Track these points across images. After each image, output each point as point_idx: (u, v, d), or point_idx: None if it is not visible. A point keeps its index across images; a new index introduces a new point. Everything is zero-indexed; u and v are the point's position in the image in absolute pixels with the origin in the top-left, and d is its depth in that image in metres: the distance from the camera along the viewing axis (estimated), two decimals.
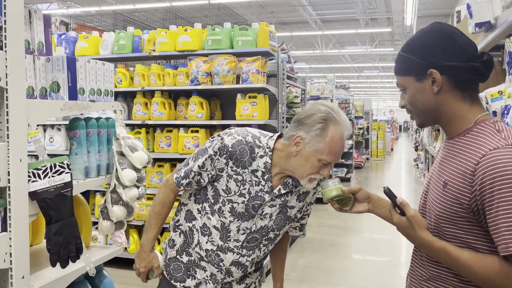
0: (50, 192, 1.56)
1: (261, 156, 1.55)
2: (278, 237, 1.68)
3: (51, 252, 1.57)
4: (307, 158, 1.47)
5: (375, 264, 5.04)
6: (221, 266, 1.62)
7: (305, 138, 1.47)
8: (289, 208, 1.62)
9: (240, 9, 12.25)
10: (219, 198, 1.59)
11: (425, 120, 1.28)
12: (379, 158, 17.54)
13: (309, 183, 1.52)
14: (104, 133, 1.96)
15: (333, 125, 1.45)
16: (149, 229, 1.71)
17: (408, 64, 1.23)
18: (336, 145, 1.46)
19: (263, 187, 1.56)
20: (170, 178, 1.69)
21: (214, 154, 1.56)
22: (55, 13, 11.18)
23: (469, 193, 1.09)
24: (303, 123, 1.48)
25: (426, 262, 1.24)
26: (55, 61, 1.71)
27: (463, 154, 1.15)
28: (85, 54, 4.63)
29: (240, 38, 4.29)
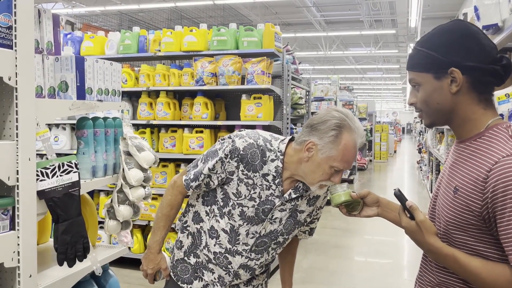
0: (58, 191, 1.56)
1: (272, 160, 1.53)
2: (287, 241, 1.67)
3: (58, 251, 1.58)
4: (318, 164, 1.45)
5: (378, 266, 5.03)
6: (229, 269, 1.62)
7: (318, 144, 1.44)
8: (299, 212, 1.60)
9: (245, 10, 12.26)
10: (228, 201, 1.56)
11: (436, 120, 1.23)
12: (382, 160, 17.51)
13: (320, 189, 1.51)
14: (111, 132, 1.97)
15: (347, 132, 1.43)
16: (157, 231, 1.69)
17: (427, 60, 1.17)
18: (349, 153, 1.44)
19: (273, 191, 1.54)
20: (178, 179, 1.66)
21: (225, 157, 1.53)
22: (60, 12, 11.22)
23: (481, 200, 1.07)
24: (317, 129, 1.45)
25: (434, 268, 1.23)
26: (64, 61, 1.72)
27: (475, 160, 1.12)
28: (91, 54, 4.65)
29: (245, 39, 4.29)
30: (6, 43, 1.41)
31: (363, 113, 13.17)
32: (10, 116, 1.44)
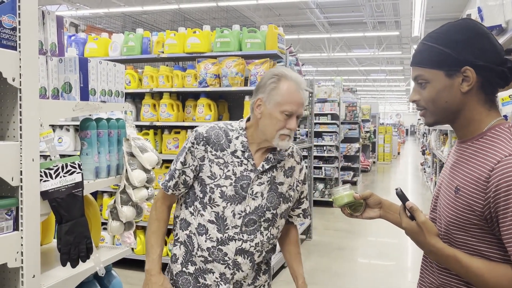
0: (61, 192, 1.57)
1: (236, 137, 1.61)
2: (277, 218, 1.64)
3: (61, 252, 1.58)
4: (270, 115, 1.53)
5: (381, 268, 5.02)
6: (227, 261, 1.59)
7: (263, 97, 1.55)
8: (278, 184, 1.63)
9: (248, 12, 12.28)
10: (206, 188, 1.59)
11: (441, 119, 1.21)
12: (386, 161, 17.47)
13: (282, 140, 1.55)
14: (115, 133, 1.97)
15: (285, 79, 1.53)
16: (151, 250, 1.66)
17: (440, 57, 1.14)
18: (293, 94, 1.52)
19: (246, 166, 1.59)
20: (158, 193, 1.71)
21: (191, 145, 1.61)
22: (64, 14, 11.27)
23: (483, 200, 1.06)
24: (259, 88, 1.58)
25: (436, 269, 1.22)
26: (68, 62, 1.73)
27: (476, 160, 1.12)
28: (95, 55, 4.67)
29: (248, 41, 4.30)
30: (10, 44, 1.41)
31: (367, 114, 13.15)
32: (14, 117, 1.45)
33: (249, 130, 1.62)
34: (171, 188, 1.64)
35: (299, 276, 1.75)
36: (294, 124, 1.54)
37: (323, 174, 8.63)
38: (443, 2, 11.14)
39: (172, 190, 1.65)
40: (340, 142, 9.02)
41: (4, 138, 1.47)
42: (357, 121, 10.76)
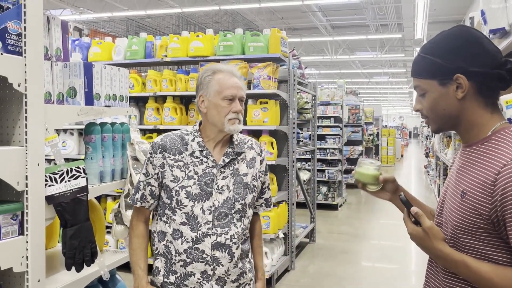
0: (66, 196, 1.57)
1: (192, 139, 1.68)
2: (246, 208, 1.69)
3: (66, 256, 1.58)
4: (214, 105, 1.63)
5: (385, 272, 5.00)
6: (205, 258, 1.60)
7: (204, 93, 1.66)
8: (243, 175, 1.70)
9: (251, 15, 12.31)
10: (172, 192, 1.63)
11: (443, 126, 1.24)
12: (389, 164, 17.43)
13: (231, 125, 1.63)
14: (119, 138, 1.98)
15: (218, 71, 1.66)
16: (135, 267, 1.69)
17: (432, 67, 1.18)
18: (229, 80, 1.64)
19: (207, 164, 1.65)
20: (132, 212, 1.77)
21: (150, 156, 1.68)
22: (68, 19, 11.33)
23: (489, 204, 1.06)
24: (198, 87, 1.70)
25: (441, 274, 1.21)
26: (72, 67, 1.74)
27: (482, 163, 1.12)
28: (98, 59, 4.69)
29: (251, 44, 4.31)
30: (16, 50, 1.42)
31: (370, 117, 13.13)
32: (19, 122, 1.46)
33: (203, 130, 1.71)
34: (138, 200, 1.69)
35: (259, 269, 1.83)
36: (239, 106, 1.64)
37: (326, 177, 8.62)
38: (445, 4, 11.13)
39: (140, 202, 1.69)
40: (343, 145, 9.01)
41: (9, 143, 1.48)
42: (360, 123, 10.74)
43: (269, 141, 4.28)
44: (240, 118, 1.66)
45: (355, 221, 7.46)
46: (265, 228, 4.24)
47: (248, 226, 1.73)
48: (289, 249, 4.71)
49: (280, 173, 4.65)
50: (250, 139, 1.81)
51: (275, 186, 4.44)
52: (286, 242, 4.71)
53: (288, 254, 4.70)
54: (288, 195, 4.63)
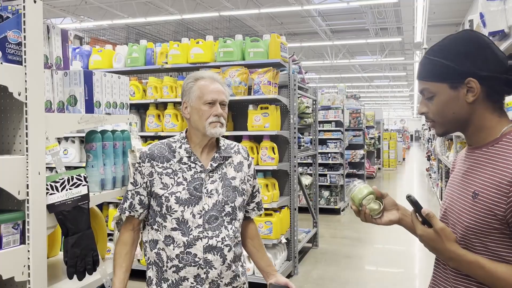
0: (67, 205, 1.57)
1: (179, 146, 1.72)
2: (236, 211, 1.70)
3: (68, 265, 1.58)
4: (196, 110, 1.68)
5: (389, 276, 4.97)
6: (197, 261, 1.61)
7: (187, 99, 1.71)
8: (231, 179, 1.72)
9: (250, 21, 12.36)
10: (161, 199, 1.65)
11: (451, 129, 1.23)
12: (391, 168, 17.39)
13: (213, 128, 1.67)
14: (120, 145, 1.98)
15: (200, 78, 1.72)
16: (115, 269, 1.70)
17: (443, 70, 1.17)
18: (209, 86, 1.68)
19: (195, 169, 1.68)
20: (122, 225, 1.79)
21: (138, 165, 1.71)
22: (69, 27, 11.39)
23: (505, 204, 1.06)
24: (182, 94, 1.75)
25: (451, 275, 1.21)
26: (73, 75, 1.74)
27: (495, 165, 1.12)
28: (99, 67, 4.70)
29: (251, 50, 4.32)
30: (15, 59, 1.43)
31: (371, 121, 13.13)
32: (20, 130, 1.46)
33: (189, 136, 1.75)
34: (126, 210, 1.72)
35: (270, 264, 1.86)
36: (219, 110, 1.68)
37: (328, 181, 8.61)
38: (444, 8, 11.15)
39: (128, 212, 1.72)
40: (344, 149, 9.00)
41: (10, 152, 1.48)
42: (361, 127, 10.74)
43: (270, 146, 4.28)
44: (222, 122, 1.69)
45: (358, 225, 7.43)
46: (268, 234, 4.23)
47: (239, 229, 1.75)
48: (292, 254, 4.69)
49: (281, 178, 4.65)
50: (236, 144, 1.85)
51: (277, 191, 4.43)
52: (289, 247, 4.69)
53: (291, 260, 4.68)
54: (290, 200, 4.62)
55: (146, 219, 1.75)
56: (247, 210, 1.85)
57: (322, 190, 8.55)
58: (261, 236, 4.23)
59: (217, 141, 1.77)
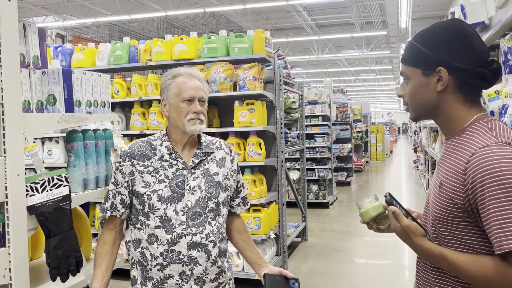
0: (48, 206, 1.54)
1: (160, 144, 1.71)
2: (220, 206, 1.70)
3: (51, 266, 1.55)
4: (175, 107, 1.67)
5: (379, 268, 5.02)
6: (182, 258, 1.60)
7: (165, 97, 1.70)
8: (213, 175, 1.71)
9: (236, 17, 12.30)
10: (143, 198, 1.63)
11: (421, 115, 1.26)
12: (379, 161, 17.53)
13: (192, 125, 1.65)
14: (102, 144, 1.95)
15: (178, 75, 1.70)
16: (94, 270, 1.67)
17: (418, 56, 1.20)
18: (187, 83, 1.67)
19: (177, 166, 1.67)
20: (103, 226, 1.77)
21: (119, 164, 1.70)
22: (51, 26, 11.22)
23: (462, 193, 1.08)
24: (160, 92, 1.74)
25: (429, 267, 1.23)
26: (51, 74, 1.71)
27: (457, 154, 1.14)
28: (82, 66, 4.64)
29: (236, 46, 4.30)
30: None
31: (358, 114, 13.20)
32: None
33: (169, 134, 1.73)
34: (108, 210, 1.70)
35: (260, 256, 1.81)
36: (198, 106, 1.67)
37: (317, 175, 8.64)
38: (428, 0, 11.23)
39: (110, 212, 1.70)
40: (332, 143, 9.03)
41: None
42: (349, 121, 10.79)
43: (257, 142, 4.27)
44: (202, 118, 1.68)
45: (347, 218, 7.48)
46: (256, 229, 4.23)
47: (223, 225, 1.74)
48: (281, 249, 4.70)
49: (269, 174, 4.65)
50: (218, 140, 1.84)
51: (265, 187, 4.43)
52: (278, 243, 4.70)
53: (280, 255, 4.69)
54: (278, 195, 4.63)
55: (129, 218, 1.73)
56: (232, 205, 1.84)
57: (311, 184, 8.58)
58: (250, 232, 4.23)
59: (198, 138, 1.76)
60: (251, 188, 4.22)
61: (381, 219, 1.31)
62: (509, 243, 0.99)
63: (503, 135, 1.09)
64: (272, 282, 1.66)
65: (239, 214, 1.90)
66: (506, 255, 1.01)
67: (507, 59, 2.10)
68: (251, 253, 1.82)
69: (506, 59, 2.11)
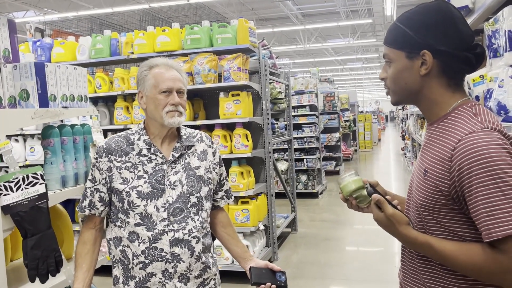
0: (24, 205, 1.49)
1: (138, 138, 1.65)
2: (202, 201, 1.65)
3: (29, 267, 1.50)
4: (152, 99, 1.60)
5: (369, 255, 5.04)
6: (164, 256, 1.55)
7: (142, 89, 1.64)
8: (195, 169, 1.66)
9: (220, 8, 12.17)
10: (122, 194, 1.58)
11: (403, 99, 1.23)
12: (367, 149, 17.62)
13: (170, 118, 1.59)
14: (80, 140, 1.90)
15: (154, 66, 1.63)
16: (75, 271, 1.61)
17: (403, 38, 1.16)
18: (164, 74, 1.61)
19: (156, 161, 1.61)
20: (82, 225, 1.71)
21: (96, 161, 1.63)
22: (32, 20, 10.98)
23: (448, 180, 1.06)
24: (137, 84, 1.68)
25: (415, 256, 1.21)
26: (23, 68, 1.64)
27: (441, 140, 1.12)
28: (62, 60, 4.53)
29: (219, 36, 4.23)
30: None
31: (345, 103, 13.21)
32: None
33: (147, 127, 1.67)
34: (86, 208, 1.64)
35: (246, 250, 1.78)
36: (176, 98, 1.60)
37: (305, 166, 8.64)
38: None
39: (88, 210, 1.64)
40: (320, 133, 9.03)
41: None
42: (336, 110, 10.79)
43: (244, 134, 4.23)
44: (180, 110, 1.62)
45: (336, 207, 7.50)
46: (245, 222, 4.20)
47: (207, 220, 1.69)
48: (271, 240, 4.69)
49: (257, 165, 4.61)
50: (199, 132, 1.78)
51: (253, 178, 4.39)
52: (268, 234, 4.69)
53: (270, 246, 4.68)
54: (267, 187, 4.60)
55: (109, 216, 1.67)
56: (216, 199, 1.79)
57: (300, 174, 8.57)
58: (239, 224, 4.22)
59: (178, 131, 1.70)
60: (239, 180, 4.18)
61: (361, 198, 1.29)
62: (498, 231, 0.97)
63: (488, 120, 1.07)
64: (259, 275, 1.63)
65: (223, 208, 1.86)
66: (495, 243, 0.99)
67: (491, 43, 2.07)
68: (236, 247, 1.79)
69: (490, 43, 2.08)
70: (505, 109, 1.79)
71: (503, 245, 0.98)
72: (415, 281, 1.21)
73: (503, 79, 1.83)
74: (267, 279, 1.62)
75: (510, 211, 0.96)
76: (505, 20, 1.81)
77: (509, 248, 0.98)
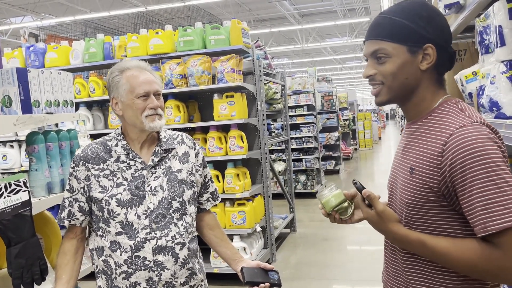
0: (6, 213, 1.46)
1: (115, 144, 1.60)
2: (186, 205, 1.60)
3: (13, 276, 1.48)
4: (129, 105, 1.54)
5: (368, 254, 5.01)
6: (148, 264, 1.52)
7: (115, 95, 1.57)
8: (176, 172, 1.61)
9: (217, 9, 12.16)
10: (102, 203, 1.53)
11: (396, 96, 1.15)
12: (367, 147, 17.58)
13: (151, 122, 1.55)
14: (67, 145, 1.88)
15: (126, 69, 1.57)
16: (56, 281, 1.57)
17: (404, 31, 1.09)
18: (138, 77, 1.54)
19: (136, 167, 1.57)
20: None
21: (73, 170, 1.59)
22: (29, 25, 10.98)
23: (438, 176, 1.03)
24: (108, 90, 1.61)
25: (400, 256, 1.18)
26: (5, 74, 1.62)
27: (428, 136, 1.09)
28: (55, 65, 4.52)
29: (212, 37, 4.21)
30: None
31: (344, 102, 13.18)
32: None
33: (125, 132, 1.62)
34: (65, 219, 1.60)
35: (235, 252, 1.73)
36: (155, 101, 1.55)
37: (304, 165, 8.61)
38: None
39: (68, 221, 1.60)
40: (318, 132, 9.00)
41: None
42: (335, 109, 10.75)
43: (239, 135, 4.20)
44: (160, 113, 1.57)
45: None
46: (241, 224, 4.18)
47: (192, 224, 1.65)
48: (269, 242, 4.66)
49: (253, 167, 4.59)
50: (180, 134, 1.73)
51: (249, 180, 4.37)
52: (265, 235, 4.66)
53: (268, 247, 4.65)
54: (264, 188, 4.57)
55: (91, 225, 1.64)
56: (201, 201, 1.75)
57: (299, 174, 8.55)
58: (235, 226, 4.19)
59: (158, 134, 1.65)
60: (235, 182, 4.16)
61: (343, 209, 1.25)
62: (493, 224, 0.95)
63: (475, 115, 1.06)
64: (251, 275, 1.59)
65: (210, 210, 1.81)
66: (490, 237, 0.97)
67: (483, 39, 2.05)
68: (226, 249, 1.74)
69: (482, 39, 2.06)
70: (497, 106, 1.76)
71: (498, 239, 0.96)
72: (399, 283, 1.18)
73: (495, 75, 1.80)
74: (259, 278, 1.58)
75: (505, 204, 0.95)
76: (496, 16, 1.78)
77: (504, 241, 0.96)
